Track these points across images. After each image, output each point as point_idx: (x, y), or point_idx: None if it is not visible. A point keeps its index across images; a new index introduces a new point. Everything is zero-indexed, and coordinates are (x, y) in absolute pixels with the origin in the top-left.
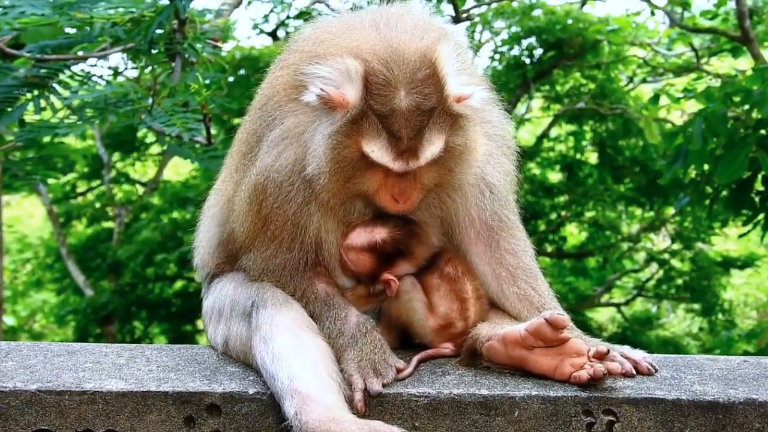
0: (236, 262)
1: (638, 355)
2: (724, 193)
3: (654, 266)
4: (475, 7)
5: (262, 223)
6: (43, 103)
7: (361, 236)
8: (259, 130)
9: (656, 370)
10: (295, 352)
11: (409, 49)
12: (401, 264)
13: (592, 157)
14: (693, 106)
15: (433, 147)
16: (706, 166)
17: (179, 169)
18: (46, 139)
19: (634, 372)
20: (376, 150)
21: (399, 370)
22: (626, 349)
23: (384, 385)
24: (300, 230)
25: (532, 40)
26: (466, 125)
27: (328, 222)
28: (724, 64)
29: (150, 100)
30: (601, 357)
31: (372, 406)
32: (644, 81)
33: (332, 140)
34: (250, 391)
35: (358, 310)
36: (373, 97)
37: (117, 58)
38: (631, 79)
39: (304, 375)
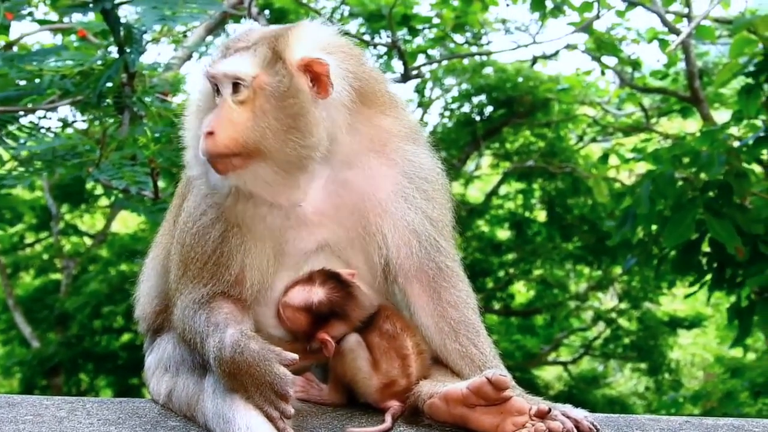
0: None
1: (580, 414)
2: (672, 253)
3: (601, 325)
4: (425, 64)
5: (184, 267)
6: None
7: (299, 295)
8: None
9: (598, 430)
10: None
11: None
12: (336, 325)
13: (541, 215)
14: (642, 165)
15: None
16: (654, 227)
17: (128, 222)
18: None
19: (575, 431)
20: None
21: (291, 363)
22: (568, 408)
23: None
24: (220, 269)
25: (483, 97)
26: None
27: (254, 258)
28: (673, 125)
29: (98, 153)
30: (542, 416)
31: None
32: (594, 140)
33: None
34: None
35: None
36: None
37: (66, 111)
38: (580, 138)
39: (263, 427)
